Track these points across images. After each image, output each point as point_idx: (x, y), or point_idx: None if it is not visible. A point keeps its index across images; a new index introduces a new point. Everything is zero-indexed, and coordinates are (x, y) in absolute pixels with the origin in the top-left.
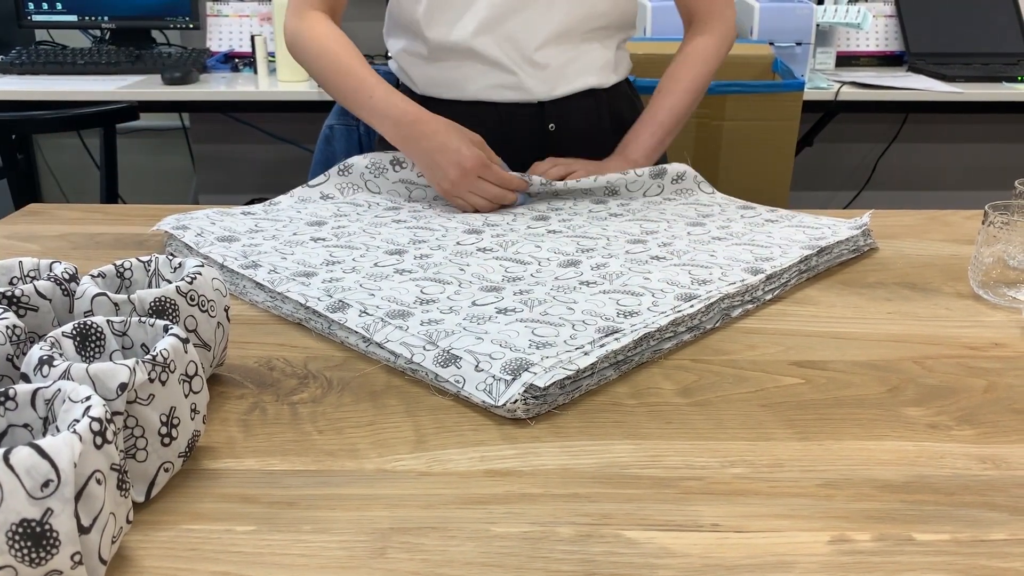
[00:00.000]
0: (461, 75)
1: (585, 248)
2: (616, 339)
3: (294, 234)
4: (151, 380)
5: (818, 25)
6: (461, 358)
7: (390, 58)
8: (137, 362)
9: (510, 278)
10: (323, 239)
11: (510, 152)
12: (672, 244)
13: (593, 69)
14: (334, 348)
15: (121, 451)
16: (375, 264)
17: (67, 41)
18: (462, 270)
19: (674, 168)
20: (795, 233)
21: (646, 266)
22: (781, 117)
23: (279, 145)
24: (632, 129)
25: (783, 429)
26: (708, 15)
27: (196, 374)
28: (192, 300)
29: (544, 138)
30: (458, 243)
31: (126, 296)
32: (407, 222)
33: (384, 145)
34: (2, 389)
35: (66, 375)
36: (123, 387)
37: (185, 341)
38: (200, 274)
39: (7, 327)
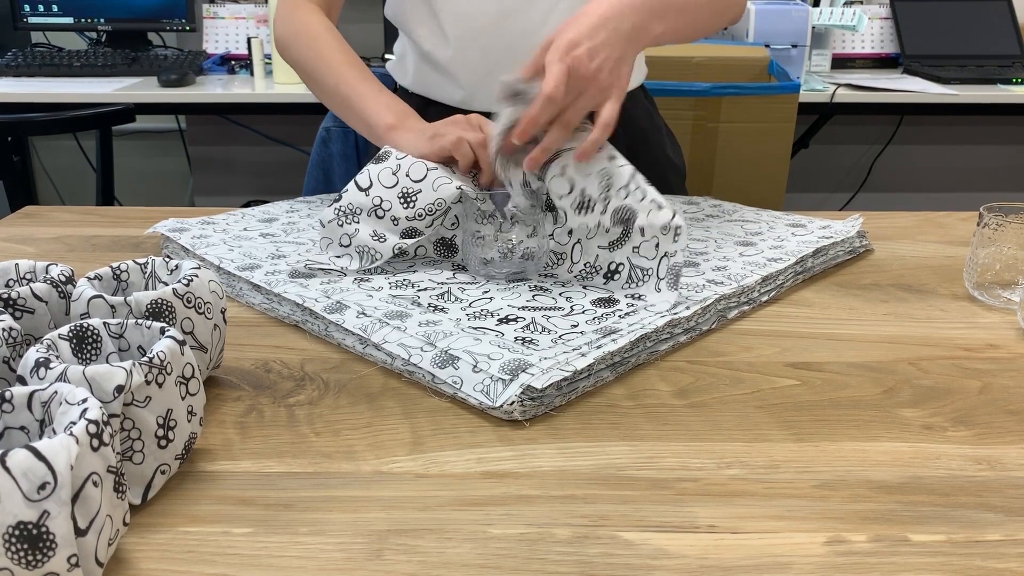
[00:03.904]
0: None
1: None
2: (613, 340)
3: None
4: (148, 382)
5: (814, 27)
6: (459, 359)
7: (387, 60)
8: (134, 364)
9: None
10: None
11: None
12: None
13: None
14: (331, 350)
15: (118, 453)
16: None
17: (63, 43)
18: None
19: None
20: (790, 235)
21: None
22: (777, 119)
23: (275, 147)
24: None
25: (779, 430)
26: None
27: (193, 376)
28: (189, 302)
29: None
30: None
31: (123, 298)
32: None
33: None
34: None
35: (63, 377)
36: (120, 389)
37: (182, 343)
38: (197, 276)
39: (3, 329)
